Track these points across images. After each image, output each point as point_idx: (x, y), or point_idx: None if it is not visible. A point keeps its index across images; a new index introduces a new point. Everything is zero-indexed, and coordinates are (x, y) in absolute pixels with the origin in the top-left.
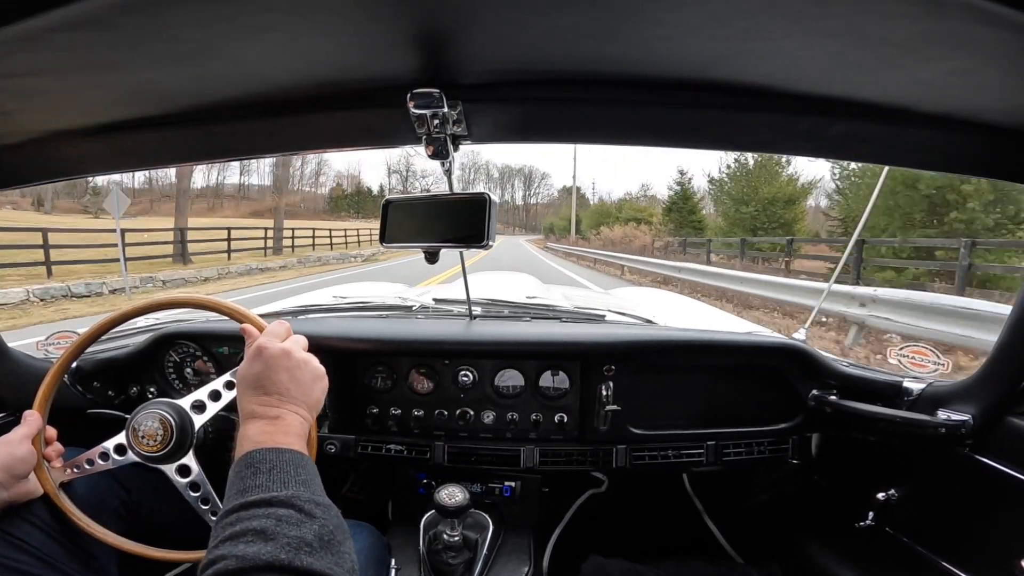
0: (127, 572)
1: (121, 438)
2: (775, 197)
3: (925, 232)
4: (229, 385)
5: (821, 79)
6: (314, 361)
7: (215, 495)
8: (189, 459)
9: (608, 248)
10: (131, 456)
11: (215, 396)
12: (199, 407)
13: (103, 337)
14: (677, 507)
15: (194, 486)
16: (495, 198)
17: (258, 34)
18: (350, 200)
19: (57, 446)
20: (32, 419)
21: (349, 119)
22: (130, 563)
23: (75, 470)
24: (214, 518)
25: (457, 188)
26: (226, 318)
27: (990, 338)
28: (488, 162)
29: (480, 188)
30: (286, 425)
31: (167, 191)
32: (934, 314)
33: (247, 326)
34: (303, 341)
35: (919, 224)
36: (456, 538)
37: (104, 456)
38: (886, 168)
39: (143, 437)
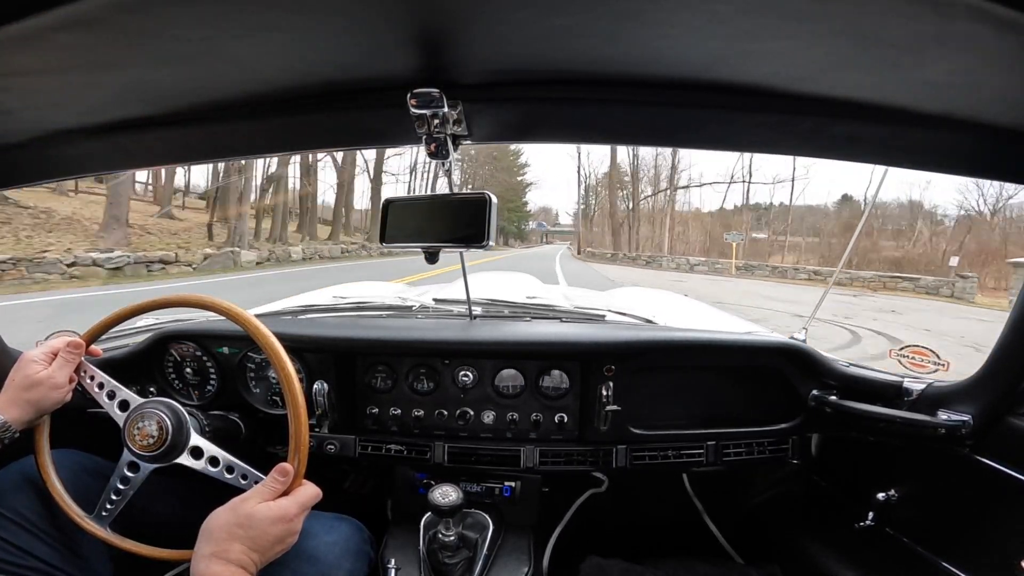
0: (121, 575)
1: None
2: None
3: None
4: (238, 476)
5: (821, 79)
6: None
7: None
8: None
9: None
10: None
11: (214, 462)
12: (197, 452)
13: (102, 337)
14: (677, 507)
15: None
16: (495, 198)
17: (258, 33)
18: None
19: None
20: (77, 348)
21: (349, 119)
22: (124, 566)
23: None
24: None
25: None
26: (225, 318)
27: None
28: None
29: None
30: None
31: None
32: None
33: (286, 466)
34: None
35: None
36: (451, 537)
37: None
38: (886, 168)
39: (138, 436)
